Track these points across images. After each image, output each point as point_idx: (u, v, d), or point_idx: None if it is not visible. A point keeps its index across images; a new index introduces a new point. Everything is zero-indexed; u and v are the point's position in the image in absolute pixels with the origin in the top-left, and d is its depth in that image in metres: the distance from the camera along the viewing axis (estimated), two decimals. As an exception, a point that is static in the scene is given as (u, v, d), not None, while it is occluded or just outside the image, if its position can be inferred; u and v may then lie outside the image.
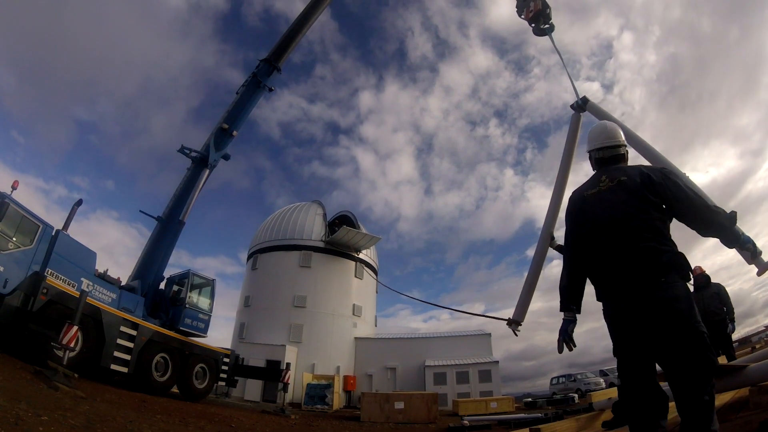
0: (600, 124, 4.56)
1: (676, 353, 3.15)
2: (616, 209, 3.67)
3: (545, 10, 12.68)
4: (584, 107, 9.52)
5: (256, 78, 23.32)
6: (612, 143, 4.27)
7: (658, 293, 3.28)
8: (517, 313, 7.93)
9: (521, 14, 13.31)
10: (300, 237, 41.51)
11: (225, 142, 21.82)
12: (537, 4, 12.69)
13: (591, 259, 3.79)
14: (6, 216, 11.44)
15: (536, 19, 12.80)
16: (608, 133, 4.34)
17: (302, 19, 25.59)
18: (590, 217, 3.86)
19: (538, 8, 12.65)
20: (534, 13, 12.75)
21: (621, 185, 3.76)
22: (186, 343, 17.52)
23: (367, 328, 42.36)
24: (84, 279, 14.24)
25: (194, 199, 20.39)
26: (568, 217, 4.17)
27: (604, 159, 4.25)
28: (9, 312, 11.09)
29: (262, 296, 39.86)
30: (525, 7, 13.07)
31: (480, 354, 36.98)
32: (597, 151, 4.31)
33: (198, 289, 20.04)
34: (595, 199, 3.90)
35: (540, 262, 8.29)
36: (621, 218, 3.60)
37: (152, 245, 19.54)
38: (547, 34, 12.69)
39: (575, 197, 4.17)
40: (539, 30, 12.83)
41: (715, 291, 11.14)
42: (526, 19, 13.15)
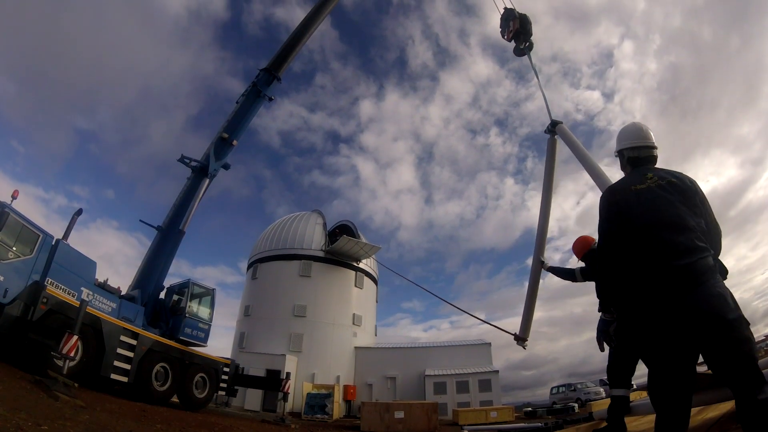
0: (634, 123, 4.48)
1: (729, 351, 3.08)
2: (673, 207, 3.60)
3: (525, 27, 12.97)
4: (554, 130, 9.65)
5: (256, 87, 23.37)
6: (649, 143, 4.22)
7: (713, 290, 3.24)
8: (522, 330, 8.65)
9: (504, 35, 13.62)
10: (300, 246, 41.54)
11: (225, 152, 21.84)
12: (515, 24, 13.00)
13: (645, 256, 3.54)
14: (6, 225, 11.43)
15: (517, 38, 13.08)
16: (644, 133, 4.29)
17: (302, 28, 25.69)
18: (644, 211, 3.67)
19: (516, 28, 12.98)
20: (513, 32, 13.08)
21: (673, 186, 3.73)
22: (186, 353, 17.49)
23: (367, 337, 42.32)
24: (84, 288, 14.23)
25: (194, 209, 20.40)
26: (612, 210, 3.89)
27: (639, 158, 4.19)
28: (9, 321, 11.07)
29: (262, 306, 39.84)
30: (506, 27, 13.41)
31: (480, 363, 36.95)
32: (632, 150, 4.25)
33: (198, 299, 20.01)
34: (648, 194, 3.74)
35: (535, 285, 8.82)
36: (679, 217, 3.55)
37: (152, 255, 19.53)
38: (525, 53, 12.96)
39: (621, 190, 3.96)
40: (518, 50, 13.10)
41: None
42: (507, 40, 13.44)
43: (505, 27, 13.54)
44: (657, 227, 3.54)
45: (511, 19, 13.22)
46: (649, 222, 3.59)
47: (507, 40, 13.49)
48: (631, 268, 3.60)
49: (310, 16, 26.29)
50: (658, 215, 3.59)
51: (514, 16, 13.20)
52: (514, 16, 13.20)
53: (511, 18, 13.25)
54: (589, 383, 37.15)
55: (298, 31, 25.62)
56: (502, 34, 13.70)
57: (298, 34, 25.54)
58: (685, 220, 3.52)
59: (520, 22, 13.01)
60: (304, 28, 25.73)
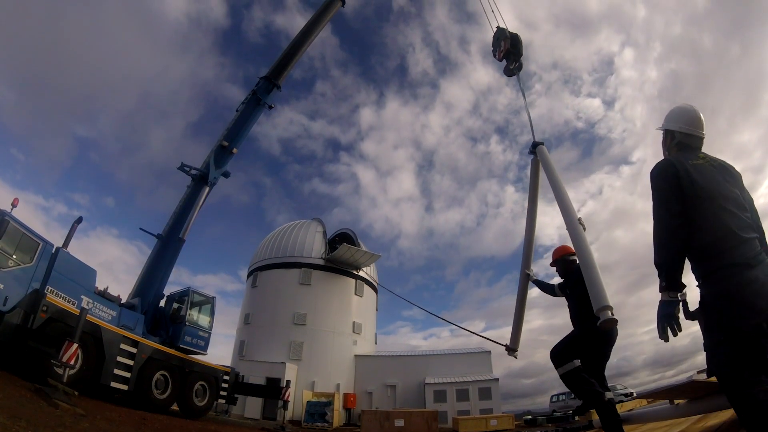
0: (694, 109, 4.32)
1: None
2: (729, 185, 3.65)
3: (516, 47, 13.01)
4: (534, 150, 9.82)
5: (255, 95, 23.44)
6: (703, 135, 4.19)
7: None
8: (512, 340, 8.79)
9: (495, 54, 13.64)
10: (300, 255, 41.53)
11: (225, 160, 21.88)
12: (506, 44, 13.00)
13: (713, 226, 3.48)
14: (6, 234, 11.44)
15: (507, 58, 13.03)
16: (702, 123, 4.22)
17: (301, 37, 25.84)
18: (707, 184, 3.63)
19: (507, 47, 12.96)
20: (504, 52, 13.05)
21: (725, 169, 3.80)
22: (186, 361, 17.48)
23: (367, 345, 42.24)
24: (84, 296, 14.23)
25: (194, 217, 20.43)
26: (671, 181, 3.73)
27: (689, 146, 4.15)
28: (9, 329, 11.06)
29: (262, 314, 39.79)
30: (498, 47, 13.43)
31: (480, 371, 36.84)
32: (686, 136, 4.18)
33: (198, 307, 20.01)
34: (706, 170, 3.74)
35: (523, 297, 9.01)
36: (737, 195, 3.60)
37: (152, 263, 19.54)
38: (515, 74, 12.96)
39: (679, 162, 3.82)
40: (508, 70, 13.04)
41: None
42: (498, 59, 13.40)
43: (496, 46, 13.58)
44: (721, 199, 3.53)
45: (503, 39, 13.23)
46: (713, 194, 3.56)
47: (498, 60, 13.45)
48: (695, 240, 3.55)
49: (309, 25, 26.44)
50: (720, 189, 3.59)
51: (506, 36, 13.19)
52: (506, 36, 13.19)
53: (503, 38, 13.27)
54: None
55: (298, 40, 25.76)
56: (494, 53, 13.72)
57: (297, 42, 25.67)
58: (742, 199, 3.58)
59: (511, 41, 13.01)
60: (303, 37, 25.86)
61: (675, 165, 3.80)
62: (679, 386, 4.67)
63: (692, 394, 4.89)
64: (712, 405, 4.62)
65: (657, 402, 7.04)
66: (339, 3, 27.73)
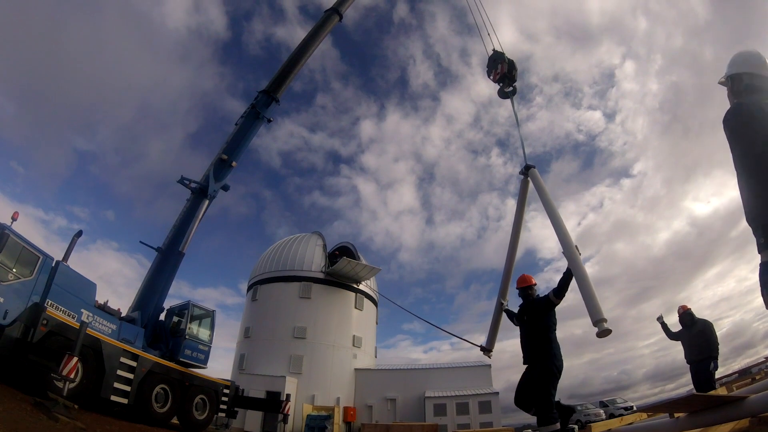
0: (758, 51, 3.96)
1: None
2: None
3: (511, 72, 13.72)
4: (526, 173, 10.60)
5: (255, 109, 23.51)
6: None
7: None
8: (488, 342, 10.12)
9: (489, 75, 14.34)
10: (300, 268, 41.50)
11: (224, 173, 21.91)
12: (503, 67, 13.72)
13: None
14: (6, 247, 11.46)
15: (503, 81, 13.76)
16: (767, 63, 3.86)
17: (299, 51, 26.00)
18: None
19: (504, 71, 13.70)
20: (500, 75, 13.78)
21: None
22: (186, 374, 17.43)
23: (367, 359, 42.12)
24: (84, 310, 14.19)
25: (194, 230, 20.42)
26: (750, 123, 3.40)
27: (759, 88, 3.74)
28: (9, 343, 11.03)
29: (262, 327, 39.70)
30: (494, 69, 14.14)
31: (480, 385, 36.77)
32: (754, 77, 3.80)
33: (198, 320, 19.97)
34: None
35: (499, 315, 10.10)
36: None
37: (152, 276, 19.50)
38: (509, 97, 13.65)
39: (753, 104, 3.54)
40: (503, 93, 13.77)
41: (701, 329, 11.09)
42: (494, 81, 14.14)
43: (492, 68, 14.26)
44: None
45: (500, 62, 13.91)
46: None
47: (493, 81, 14.17)
48: None
49: (307, 39, 26.61)
50: None
51: (503, 60, 13.90)
52: (503, 60, 13.90)
53: (500, 61, 13.95)
54: (589, 405, 36.99)
55: (296, 55, 25.90)
56: (488, 74, 14.40)
57: (295, 57, 25.81)
58: None
59: (507, 66, 13.75)
60: (301, 52, 26.01)
61: (750, 106, 3.54)
62: (679, 400, 4.69)
63: (692, 407, 4.89)
64: (712, 419, 4.63)
65: (657, 416, 7.04)
66: (336, 18, 27.85)
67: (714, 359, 10.70)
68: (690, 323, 11.35)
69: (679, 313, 11.55)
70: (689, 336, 11.17)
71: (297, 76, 26.07)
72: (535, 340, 7.72)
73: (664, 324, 12.07)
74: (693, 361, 11.02)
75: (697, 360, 10.86)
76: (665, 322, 12.08)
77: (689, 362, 11.18)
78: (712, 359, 10.67)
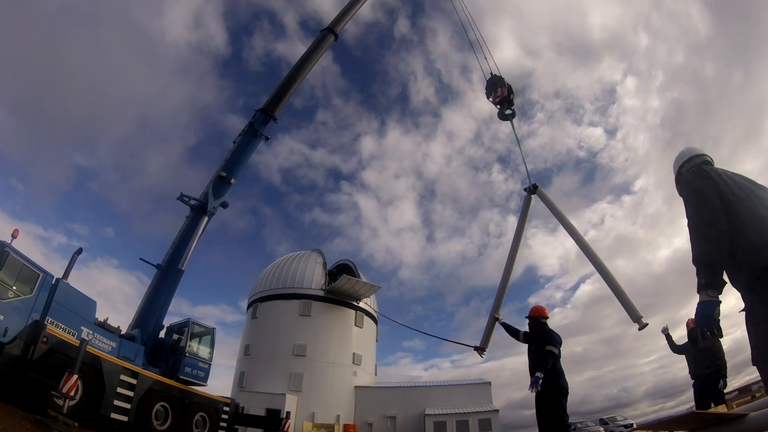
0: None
1: None
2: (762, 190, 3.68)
3: (509, 96, 14.61)
4: (534, 191, 11.96)
5: (253, 127, 23.64)
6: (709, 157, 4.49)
7: None
8: (483, 342, 10.96)
9: (489, 97, 15.18)
10: (300, 286, 41.51)
11: (223, 190, 22.00)
12: (503, 91, 14.64)
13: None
14: (6, 265, 11.49)
15: (501, 104, 14.72)
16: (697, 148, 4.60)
17: (296, 70, 26.20)
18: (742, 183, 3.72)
19: (504, 95, 14.63)
20: (500, 98, 14.71)
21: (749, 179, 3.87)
22: (186, 392, 17.40)
23: (367, 376, 41.99)
24: (84, 327, 14.20)
25: (193, 247, 20.44)
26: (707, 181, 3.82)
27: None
28: (9, 360, 11.02)
29: (262, 345, 39.65)
30: (493, 91, 15.00)
31: (480, 402, 36.67)
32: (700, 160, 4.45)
33: (198, 338, 19.97)
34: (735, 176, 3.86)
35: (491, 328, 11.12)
36: None
37: (151, 293, 19.48)
38: (509, 119, 14.61)
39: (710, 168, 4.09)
40: (503, 115, 14.72)
41: (709, 344, 11.01)
42: (493, 103, 15.03)
43: (491, 91, 15.07)
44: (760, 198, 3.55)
45: (500, 86, 14.76)
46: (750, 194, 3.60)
47: (492, 103, 15.01)
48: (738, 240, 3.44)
49: (304, 58, 26.87)
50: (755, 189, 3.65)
51: (503, 84, 14.75)
52: (503, 84, 14.75)
53: (500, 85, 14.79)
54: (589, 422, 36.79)
55: (293, 73, 26.16)
56: (488, 96, 15.19)
57: (292, 76, 26.07)
58: None
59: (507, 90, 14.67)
60: (298, 71, 26.27)
61: (708, 170, 3.96)
62: (679, 417, 4.68)
63: (692, 425, 4.89)
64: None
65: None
66: (332, 38, 28.10)
67: (723, 377, 10.61)
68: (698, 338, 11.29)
69: (689, 327, 11.40)
70: (695, 350, 11.08)
71: (297, 92, 26.37)
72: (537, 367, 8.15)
73: (669, 336, 11.97)
74: (698, 375, 10.93)
75: (703, 375, 10.79)
76: (670, 334, 12.01)
77: (694, 377, 11.09)
78: (721, 377, 10.59)
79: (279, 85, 25.73)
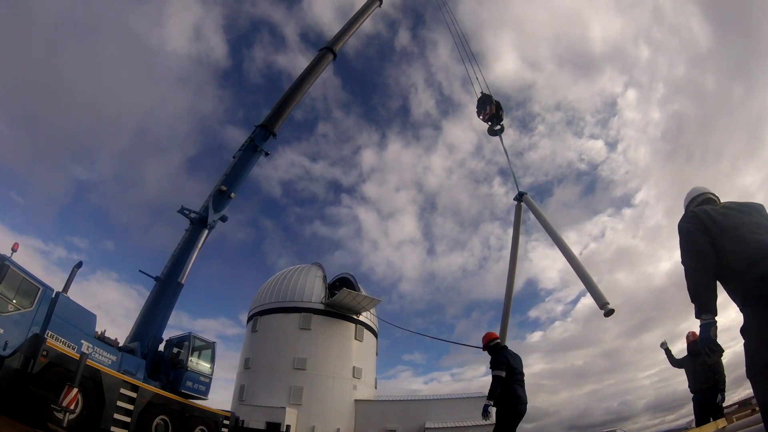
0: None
1: None
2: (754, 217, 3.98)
3: (498, 113, 15.46)
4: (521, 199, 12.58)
5: (253, 142, 23.77)
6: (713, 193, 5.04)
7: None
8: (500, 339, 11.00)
9: (479, 115, 16.19)
10: (300, 299, 41.42)
11: (223, 204, 22.10)
12: (492, 109, 15.54)
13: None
14: (6, 278, 11.53)
15: (491, 120, 15.62)
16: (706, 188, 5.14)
17: (295, 88, 26.40)
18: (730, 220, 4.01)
19: (492, 112, 15.52)
20: (489, 115, 15.62)
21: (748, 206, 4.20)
22: (186, 405, 17.41)
23: (368, 390, 41.84)
24: (84, 341, 14.22)
25: (193, 260, 20.48)
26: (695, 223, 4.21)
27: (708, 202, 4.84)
28: (9, 374, 11.03)
29: (262, 358, 39.55)
30: (482, 109, 15.99)
31: (480, 416, 36.52)
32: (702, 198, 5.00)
33: (199, 352, 19.99)
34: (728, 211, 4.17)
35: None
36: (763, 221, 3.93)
37: (150, 306, 19.47)
38: (498, 135, 15.56)
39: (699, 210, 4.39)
40: (492, 131, 15.66)
41: (713, 360, 11.04)
42: (483, 120, 15.98)
43: (481, 109, 16.04)
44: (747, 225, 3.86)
45: (488, 104, 15.68)
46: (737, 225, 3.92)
47: (483, 121, 15.95)
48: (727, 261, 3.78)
49: (303, 76, 27.17)
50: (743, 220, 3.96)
51: (491, 102, 15.64)
52: (491, 102, 15.64)
53: (489, 103, 15.71)
54: (590, 436, 36.74)
55: (291, 91, 26.38)
56: (478, 114, 16.19)
57: (291, 93, 26.23)
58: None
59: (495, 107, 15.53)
60: (296, 88, 26.42)
61: (695, 211, 4.36)
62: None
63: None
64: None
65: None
66: (330, 57, 28.40)
67: (722, 391, 10.63)
68: (698, 352, 11.23)
69: (688, 341, 11.41)
70: (695, 364, 11.09)
71: (298, 104, 26.48)
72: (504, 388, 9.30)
73: (668, 351, 12.01)
74: (698, 390, 10.95)
75: (702, 389, 10.81)
76: (669, 348, 12.06)
77: (693, 391, 11.11)
78: (719, 391, 10.62)
79: (278, 102, 26.00)
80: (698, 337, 3.81)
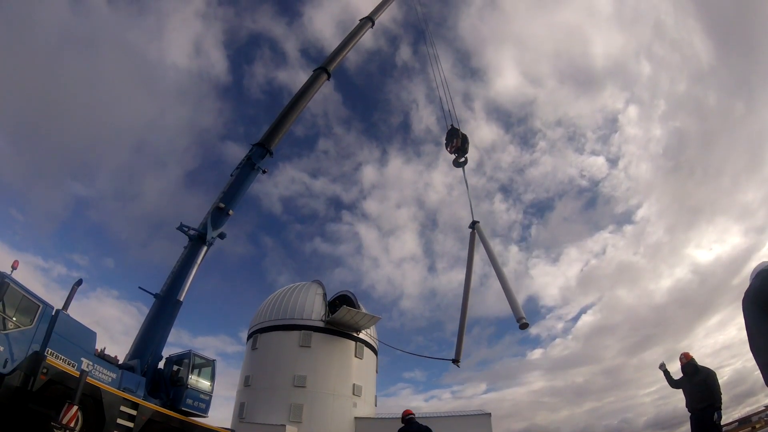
0: None
1: None
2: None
3: (464, 146, 16.94)
4: (473, 227, 14.36)
5: (250, 161, 23.87)
6: None
7: None
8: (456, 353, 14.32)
9: (447, 147, 17.38)
10: (300, 317, 41.33)
11: (222, 221, 22.22)
12: (458, 142, 16.96)
13: None
14: (6, 296, 11.57)
15: (457, 152, 17.00)
16: None
17: (290, 108, 26.56)
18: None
19: (458, 145, 16.96)
20: (455, 148, 17.02)
21: None
22: (186, 423, 17.37)
23: (368, 407, 41.63)
24: (84, 359, 14.20)
25: (192, 277, 20.50)
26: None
27: None
28: (9, 392, 11.07)
29: (262, 376, 39.42)
30: (450, 142, 17.21)
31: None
32: None
33: (198, 370, 19.96)
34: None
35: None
36: None
37: (150, 323, 19.43)
38: (461, 166, 16.93)
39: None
40: (456, 162, 16.99)
41: (703, 378, 11.12)
42: (449, 152, 17.22)
43: (449, 141, 17.23)
44: None
45: (455, 137, 16.92)
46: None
47: (449, 152, 17.21)
48: None
49: (297, 96, 27.31)
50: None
51: (458, 135, 16.86)
52: (458, 135, 16.86)
53: (456, 136, 16.91)
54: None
55: (287, 111, 26.51)
56: (446, 146, 17.39)
57: (287, 112, 26.42)
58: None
59: (461, 140, 16.98)
60: (291, 108, 26.69)
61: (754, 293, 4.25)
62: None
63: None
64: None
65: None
66: (324, 77, 28.51)
67: (717, 409, 10.69)
68: (692, 372, 11.28)
69: (682, 363, 11.49)
70: (691, 384, 11.18)
71: (298, 120, 26.83)
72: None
73: (666, 372, 12.09)
74: (694, 409, 11.02)
75: (699, 408, 10.88)
76: (668, 369, 12.12)
77: (690, 410, 11.20)
78: (715, 409, 10.67)
79: (275, 121, 26.13)
80: None
